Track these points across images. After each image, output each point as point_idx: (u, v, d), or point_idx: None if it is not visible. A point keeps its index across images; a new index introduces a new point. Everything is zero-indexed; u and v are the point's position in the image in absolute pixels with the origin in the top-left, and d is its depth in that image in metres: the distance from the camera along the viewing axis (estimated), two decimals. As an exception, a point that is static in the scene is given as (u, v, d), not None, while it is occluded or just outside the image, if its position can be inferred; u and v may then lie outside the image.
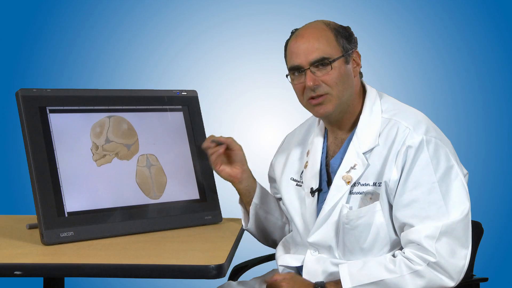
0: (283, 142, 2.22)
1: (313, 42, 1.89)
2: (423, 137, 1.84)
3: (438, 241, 1.78)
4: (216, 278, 1.68)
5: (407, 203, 1.82)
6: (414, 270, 1.79)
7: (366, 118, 1.93)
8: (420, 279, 1.79)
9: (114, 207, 2.04)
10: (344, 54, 1.90)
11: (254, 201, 2.13)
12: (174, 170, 2.19)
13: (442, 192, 1.81)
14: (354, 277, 1.82)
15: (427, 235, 1.78)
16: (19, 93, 1.98)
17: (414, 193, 1.82)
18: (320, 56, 1.88)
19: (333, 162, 1.96)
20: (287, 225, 2.20)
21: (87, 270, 1.70)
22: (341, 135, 1.97)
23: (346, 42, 1.91)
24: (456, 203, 1.82)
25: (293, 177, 2.07)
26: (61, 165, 1.99)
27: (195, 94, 2.30)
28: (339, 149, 1.96)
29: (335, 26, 1.93)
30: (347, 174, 1.90)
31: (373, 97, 1.96)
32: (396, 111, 1.93)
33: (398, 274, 1.79)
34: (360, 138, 1.91)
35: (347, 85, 1.91)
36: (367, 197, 1.88)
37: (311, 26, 1.94)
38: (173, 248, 1.90)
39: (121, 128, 2.13)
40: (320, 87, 1.89)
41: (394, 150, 1.85)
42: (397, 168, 1.84)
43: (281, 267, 2.04)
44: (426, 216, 1.80)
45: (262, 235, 2.21)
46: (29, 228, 2.12)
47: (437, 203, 1.80)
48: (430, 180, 1.81)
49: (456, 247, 1.80)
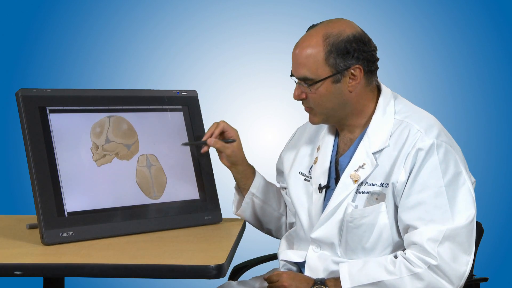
0: (293, 135, 2.21)
1: (302, 58, 1.88)
2: (434, 140, 1.84)
3: (441, 245, 1.78)
4: (216, 278, 1.68)
5: (412, 205, 1.82)
6: (413, 273, 1.78)
7: (379, 119, 1.92)
8: (419, 282, 1.78)
9: (114, 207, 2.04)
10: (333, 74, 1.87)
11: (250, 190, 2.17)
12: (174, 170, 2.19)
13: (449, 197, 1.80)
14: (353, 277, 1.83)
15: (430, 237, 1.78)
16: (19, 93, 1.98)
17: (420, 196, 1.81)
18: (303, 76, 1.89)
19: (342, 160, 1.96)
20: (283, 216, 2.22)
21: (87, 270, 1.70)
22: (351, 134, 1.97)
23: (341, 60, 1.86)
24: (462, 209, 1.81)
25: (302, 172, 2.07)
26: (61, 165, 1.99)
27: (195, 94, 2.30)
28: (349, 148, 1.96)
29: (334, 41, 1.86)
30: (355, 173, 1.90)
31: (388, 98, 1.95)
32: (409, 113, 1.92)
33: (397, 276, 1.79)
34: (371, 138, 1.91)
35: (335, 102, 1.90)
36: (373, 197, 1.88)
37: (307, 38, 1.90)
38: (173, 248, 1.90)
39: (121, 128, 2.13)
40: (306, 101, 1.93)
41: (404, 152, 1.85)
42: (406, 170, 1.84)
43: (282, 261, 2.04)
44: (430, 220, 1.80)
45: (257, 223, 2.24)
46: (29, 228, 2.12)
47: (443, 207, 1.80)
48: (438, 184, 1.81)
49: (458, 253, 1.79)
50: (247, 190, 2.19)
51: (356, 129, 1.96)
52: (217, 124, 2.18)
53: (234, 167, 2.19)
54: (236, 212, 2.23)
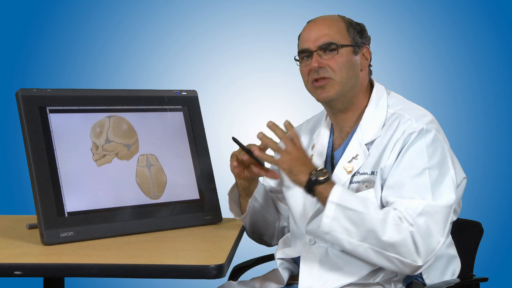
0: None
1: (324, 28, 1.96)
2: (424, 126, 1.87)
3: (419, 216, 1.77)
4: (216, 278, 1.68)
5: (395, 184, 1.83)
6: (397, 223, 1.76)
7: (372, 111, 1.96)
8: (397, 234, 1.76)
9: (114, 207, 2.04)
10: (353, 45, 1.96)
11: (254, 195, 2.14)
12: (174, 170, 2.19)
13: (432, 180, 1.81)
14: (343, 196, 1.79)
15: (409, 207, 1.78)
16: (19, 93, 1.98)
17: (403, 175, 1.83)
18: (328, 41, 1.94)
19: (336, 153, 1.99)
20: (278, 221, 2.22)
21: (87, 270, 1.70)
22: (346, 128, 2.01)
23: (358, 36, 1.98)
24: (444, 192, 1.82)
25: None
26: (61, 165, 1.99)
27: (195, 94, 2.30)
28: (344, 142, 1.99)
29: (349, 20, 2.00)
30: (348, 164, 1.92)
31: (380, 92, 2.00)
32: (402, 107, 1.96)
33: (381, 217, 1.77)
34: (364, 130, 1.94)
35: (352, 73, 1.95)
36: (364, 185, 1.90)
37: (325, 16, 2.01)
38: (173, 248, 1.90)
39: (121, 128, 2.13)
40: (324, 70, 1.94)
41: (394, 139, 1.88)
42: (394, 153, 1.86)
43: (279, 260, 2.05)
44: (410, 197, 1.80)
45: (254, 228, 2.21)
46: (29, 228, 2.12)
47: (424, 187, 1.81)
48: (422, 165, 1.82)
49: (433, 230, 1.78)
50: (250, 196, 2.16)
51: (351, 121, 1.99)
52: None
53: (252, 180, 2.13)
54: (241, 216, 2.18)
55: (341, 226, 1.78)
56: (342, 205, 1.78)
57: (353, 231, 1.78)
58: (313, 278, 1.91)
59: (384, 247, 1.77)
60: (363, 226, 1.77)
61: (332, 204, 1.79)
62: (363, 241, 1.78)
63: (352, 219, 1.77)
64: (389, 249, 1.77)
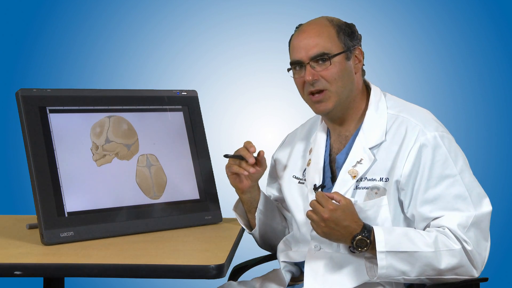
0: (284, 140, 2.22)
1: (314, 37, 1.92)
2: (436, 133, 1.87)
3: (469, 231, 1.80)
4: (216, 278, 1.68)
5: (432, 199, 1.83)
6: (450, 249, 1.79)
7: (372, 114, 1.95)
8: (453, 259, 1.79)
9: (114, 207, 2.04)
10: (345, 50, 1.92)
11: (259, 207, 2.11)
12: (174, 170, 2.19)
13: (465, 184, 1.84)
14: (389, 242, 1.80)
15: (459, 223, 1.80)
16: (19, 93, 1.98)
17: (439, 188, 1.83)
18: (319, 52, 1.90)
19: (339, 157, 1.97)
20: (287, 229, 2.21)
21: (87, 270, 1.70)
22: (345, 132, 1.99)
23: (348, 39, 1.94)
24: (480, 194, 1.85)
25: (295, 175, 2.07)
26: (61, 165, 1.99)
27: (195, 94, 2.30)
28: (344, 146, 1.97)
29: (338, 23, 1.95)
30: (353, 169, 1.90)
31: (378, 94, 1.99)
32: (401, 108, 1.95)
33: (433, 249, 1.79)
34: (367, 133, 1.92)
35: (347, 81, 1.93)
36: (373, 191, 1.88)
37: (313, 22, 1.97)
38: (173, 248, 1.90)
39: (121, 128, 2.13)
40: (318, 82, 1.91)
41: (405, 147, 1.86)
42: (409, 164, 1.85)
43: (283, 263, 2.04)
44: (454, 209, 1.82)
45: (262, 240, 2.19)
46: (29, 228, 2.12)
47: (462, 195, 1.83)
48: (452, 173, 1.84)
49: (480, 239, 1.83)
50: (255, 209, 2.13)
51: (351, 126, 1.98)
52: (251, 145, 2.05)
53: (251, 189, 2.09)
54: (252, 231, 2.15)
55: (396, 270, 1.80)
56: (392, 251, 1.79)
57: (409, 270, 1.80)
58: (318, 282, 1.90)
59: (442, 274, 1.81)
60: (418, 263, 1.79)
61: (382, 253, 1.79)
62: (421, 275, 1.81)
63: (406, 260, 1.79)
64: (447, 273, 1.81)
